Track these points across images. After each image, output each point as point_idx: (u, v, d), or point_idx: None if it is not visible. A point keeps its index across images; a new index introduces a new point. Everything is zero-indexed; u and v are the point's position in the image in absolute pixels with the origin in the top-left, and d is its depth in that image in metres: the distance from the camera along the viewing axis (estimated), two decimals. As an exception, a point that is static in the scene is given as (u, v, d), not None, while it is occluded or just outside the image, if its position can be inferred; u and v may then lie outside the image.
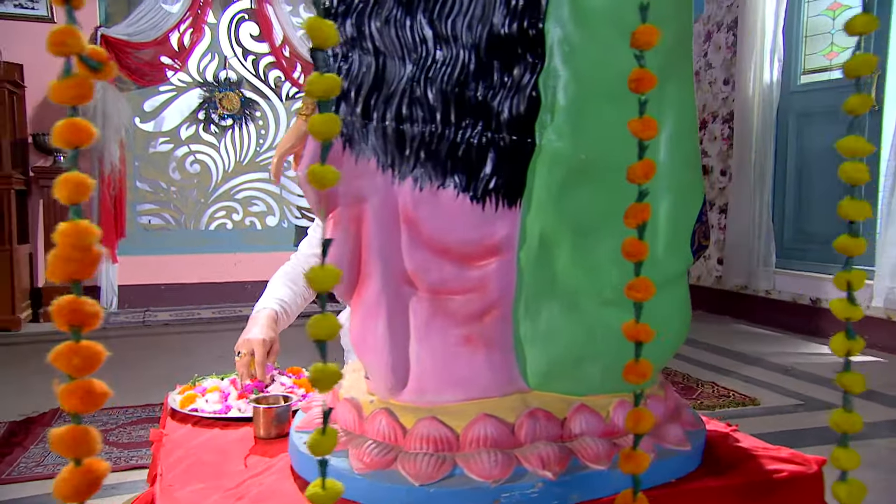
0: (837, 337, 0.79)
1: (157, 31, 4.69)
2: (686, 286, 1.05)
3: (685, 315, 1.05)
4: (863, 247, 0.77)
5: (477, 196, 0.91)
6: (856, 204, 0.77)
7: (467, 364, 0.91)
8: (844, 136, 0.77)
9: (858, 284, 0.78)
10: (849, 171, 0.77)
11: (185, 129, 5.02)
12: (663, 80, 0.99)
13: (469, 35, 0.89)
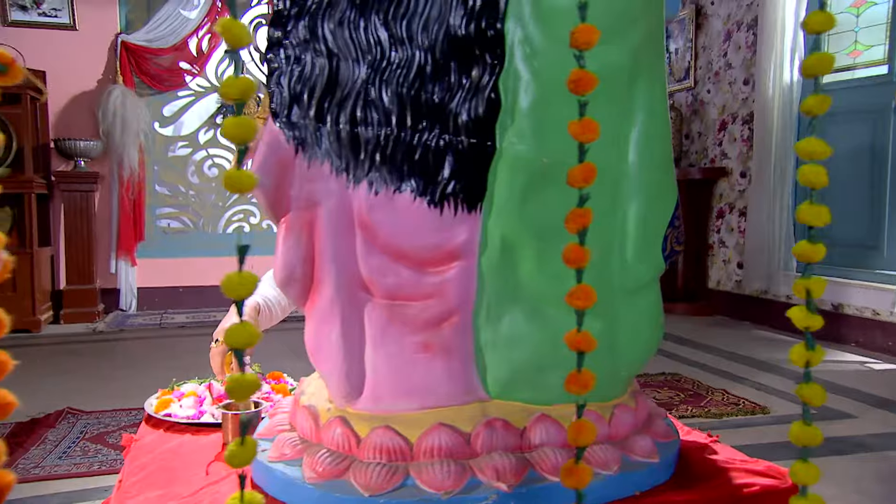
0: (797, 347, 0.76)
1: (175, 37, 4.75)
2: (658, 292, 1.02)
3: (657, 322, 1.02)
4: (821, 253, 0.74)
5: (434, 200, 0.89)
6: (814, 209, 0.74)
7: (424, 372, 0.89)
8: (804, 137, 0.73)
9: (818, 292, 0.75)
10: (807, 175, 0.74)
11: (204, 133, 5.08)
12: (632, 80, 0.97)
13: (425, 36, 0.87)
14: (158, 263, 4.84)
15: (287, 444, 0.91)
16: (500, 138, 0.91)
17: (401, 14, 0.86)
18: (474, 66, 0.89)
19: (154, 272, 4.82)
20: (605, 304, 0.98)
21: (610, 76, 0.94)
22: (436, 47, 0.87)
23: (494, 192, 0.92)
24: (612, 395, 0.99)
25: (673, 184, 1.02)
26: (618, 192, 0.98)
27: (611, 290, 0.98)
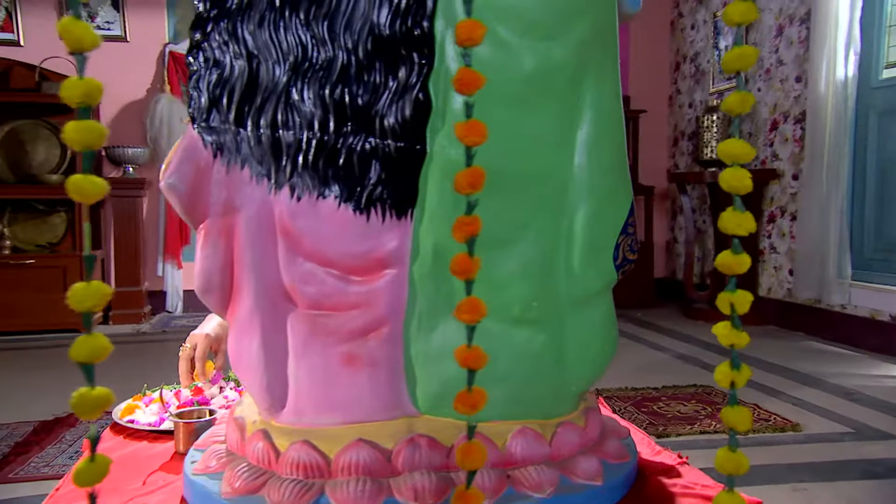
0: (721, 366, 0.69)
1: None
2: (608, 305, 0.96)
3: (607, 337, 0.95)
4: (746, 264, 0.67)
5: (360, 206, 0.86)
6: (737, 217, 0.68)
7: (349, 385, 0.86)
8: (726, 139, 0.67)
9: (742, 307, 0.68)
10: (729, 180, 0.67)
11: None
12: (578, 78, 0.91)
13: (348, 36, 0.84)
14: (205, 267, 4.96)
15: (214, 456, 0.89)
16: (430, 142, 0.87)
17: (322, 13, 0.84)
18: (401, 66, 0.85)
19: (200, 275, 4.94)
20: (550, 316, 0.92)
21: (552, 74, 0.89)
22: (359, 47, 0.84)
23: (426, 198, 0.88)
24: (559, 412, 0.94)
25: (626, 188, 0.96)
26: (564, 197, 0.92)
27: (556, 300, 0.93)
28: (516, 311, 0.90)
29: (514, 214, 0.90)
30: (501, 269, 0.90)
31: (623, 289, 5.52)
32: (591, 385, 0.96)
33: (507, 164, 0.88)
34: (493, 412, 0.89)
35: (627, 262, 0.96)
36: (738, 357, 0.70)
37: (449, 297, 0.89)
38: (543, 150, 0.91)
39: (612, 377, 2.98)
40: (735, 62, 0.67)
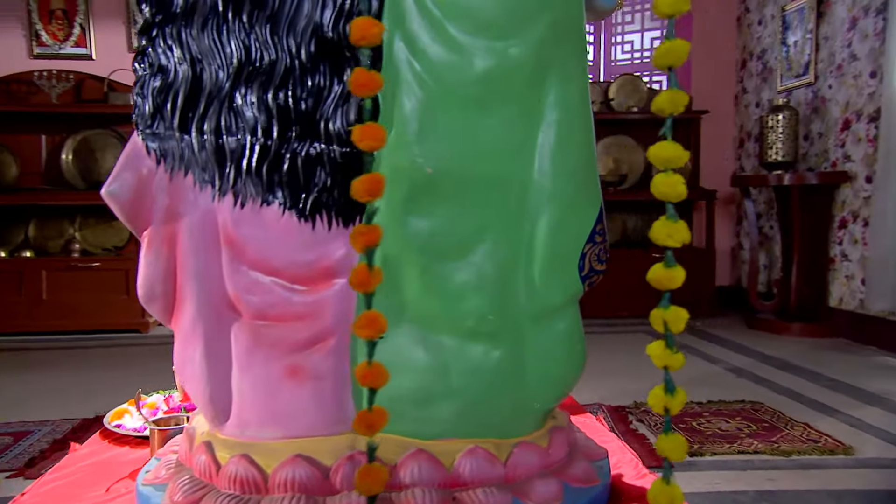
0: (655, 390, 0.63)
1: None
2: (574, 318, 0.90)
3: (571, 352, 0.90)
4: (679, 278, 0.61)
5: (305, 214, 0.83)
6: (668, 226, 0.62)
7: (291, 399, 0.83)
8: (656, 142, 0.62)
9: (677, 325, 0.62)
10: (659, 186, 0.61)
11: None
12: (538, 78, 0.86)
13: (291, 38, 0.82)
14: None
15: (164, 466, 0.88)
16: (379, 147, 0.84)
17: (265, 16, 0.82)
18: (346, 68, 0.83)
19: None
20: (508, 329, 0.87)
21: (508, 74, 0.85)
22: (302, 49, 0.82)
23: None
24: (519, 431, 0.88)
25: (593, 193, 0.90)
26: (524, 204, 0.87)
27: (515, 313, 0.88)
28: (470, 323, 0.86)
29: (470, 222, 0.86)
30: (455, 280, 0.85)
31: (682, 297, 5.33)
32: (557, 402, 0.90)
33: (463, 169, 0.84)
34: (442, 429, 0.85)
35: (595, 272, 0.90)
36: (671, 381, 0.64)
37: (400, 308, 0.86)
38: (501, 154, 0.86)
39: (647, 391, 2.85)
40: (665, 57, 0.61)
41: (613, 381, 2.96)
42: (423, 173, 0.82)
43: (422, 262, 0.83)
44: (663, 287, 0.62)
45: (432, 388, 0.84)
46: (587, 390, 2.85)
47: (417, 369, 0.84)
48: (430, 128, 0.82)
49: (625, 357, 3.55)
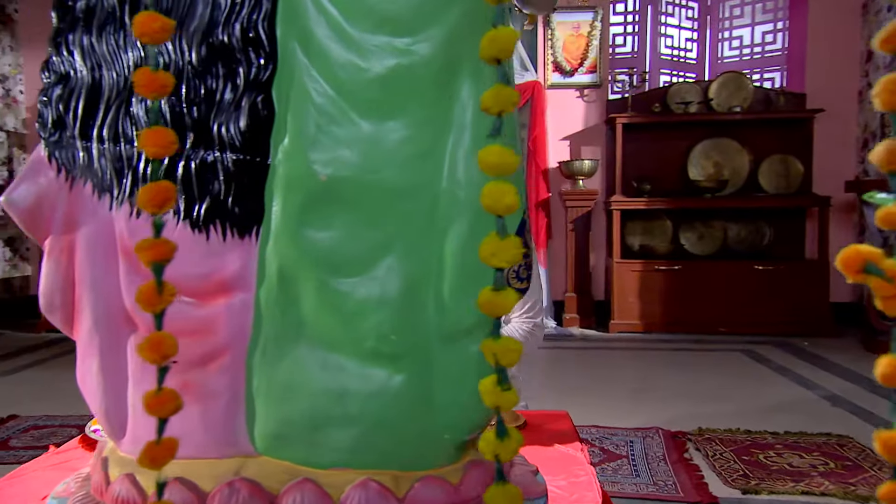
0: (486, 434, 0.54)
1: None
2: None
3: (486, 374, 0.80)
4: (510, 302, 0.52)
5: (198, 225, 0.79)
6: (493, 242, 0.53)
7: (181, 417, 0.79)
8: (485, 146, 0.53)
9: (508, 358, 0.53)
10: (487, 196, 0.53)
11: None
12: (448, 78, 0.78)
13: (184, 42, 0.79)
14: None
15: (73, 480, 0.88)
16: (273, 153, 0.79)
17: (158, 20, 0.79)
18: (238, 73, 0.78)
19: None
20: (414, 352, 0.79)
21: (412, 74, 0.77)
22: (193, 54, 0.78)
23: (271, 216, 0.80)
24: (425, 464, 0.80)
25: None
26: (434, 216, 0.79)
27: (422, 335, 0.80)
28: (371, 343, 0.79)
29: (372, 234, 0.79)
30: (354, 296, 0.78)
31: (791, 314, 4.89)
32: (471, 433, 0.81)
33: (363, 177, 0.78)
34: (337, 458, 0.78)
35: (514, 291, 0.80)
36: (502, 421, 0.54)
37: (297, 325, 0.80)
38: (407, 161, 0.78)
39: (726, 415, 2.62)
40: (490, 47, 0.52)
41: (684, 405, 2.73)
42: (319, 181, 0.76)
43: (319, 276, 0.77)
44: (492, 313, 0.53)
45: (328, 412, 0.78)
46: (648, 412, 2.65)
47: (313, 392, 0.78)
48: (327, 133, 0.76)
49: (708, 378, 3.29)
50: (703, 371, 3.53)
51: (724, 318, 4.55)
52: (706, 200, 4.95)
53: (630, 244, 5.06)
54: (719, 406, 2.77)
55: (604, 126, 5.12)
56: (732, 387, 3.15)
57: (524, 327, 1.76)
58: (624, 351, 4.20)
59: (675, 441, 2.27)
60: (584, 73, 5.09)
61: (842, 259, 0.52)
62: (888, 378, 0.50)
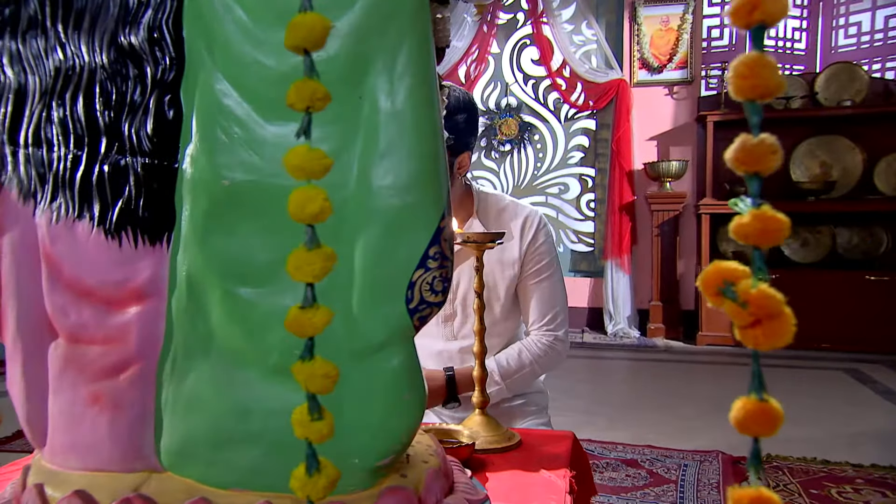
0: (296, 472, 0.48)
1: (444, 67, 5.05)
2: (404, 358, 0.74)
3: (396, 399, 0.73)
4: (320, 322, 0.46)
5: (110, 230, 0.77)
6: (301, 255, 0.47)
7: (90, 428, 0.78)
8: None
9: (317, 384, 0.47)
10: (293, 203, 0.46)
11: (469, 156, 5.30)
12: (358, 75, 0.72)
13: (97, 45, 0.77)
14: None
15: (11, 486, 0.88)
16: (181, 157, 0.76)
17: (76, 22, 0.78)
18: (146, 74, 0.76)
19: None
20: (323, 370, 0.74)
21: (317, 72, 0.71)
22: (104, 56, 0.76)
23: (181, 222, 0.77)
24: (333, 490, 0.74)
25: (430, 211, 0.73)
26: (343, 224, 0.73)
27: (332, 349, 0.73)
28: (275, 359, 0.74)
29: (277, 242, 0.73)
30: (259, 309, 0.74)
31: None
32: (383, 458, 0.75)
33: (266, 182, 0.73)
34: (238, 478, 0.74)
35: (427, 304, 0.73)
36: (314, 456, 0.48)
37: (206, 337, 0.76)
38: (312, 165, 0.73)
39: (807, 441, 2.38)
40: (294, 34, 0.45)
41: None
42: (223, 186, 0.72)
43: (224, 286, 0.73)
44: (299, 333, 0.46)
45: (230, 430, 0.73)
46: (716, 433, 2.43)
47: (216, 407, 0.74)
48: (231, 135, 0.72)
49: (799, 399, 3.01)
50: (795, 390, 3.23)
51: (828, 332, 4.16)
52: (810, 203, 4.58)
53: (723, 250, 4.76)
54: (802, 430, 2.52)
55: (694, 125, 4.84)
56: (825, 409, 2.86)
57: (544, 340, 1.65)
58: (709, 365, 3.93)
59: (736, 468, 2.06)
60: (674, 69, 4.84)
61: (702, 278, 0.42)
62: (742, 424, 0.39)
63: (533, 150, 5.23)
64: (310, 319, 0.47)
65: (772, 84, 0.40)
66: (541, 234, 1.69)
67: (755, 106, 0.41)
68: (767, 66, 0.39)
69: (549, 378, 3.76)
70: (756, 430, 0.41)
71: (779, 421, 0.41)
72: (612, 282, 4.73)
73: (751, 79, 0.39)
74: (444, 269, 0.73)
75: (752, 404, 0.41)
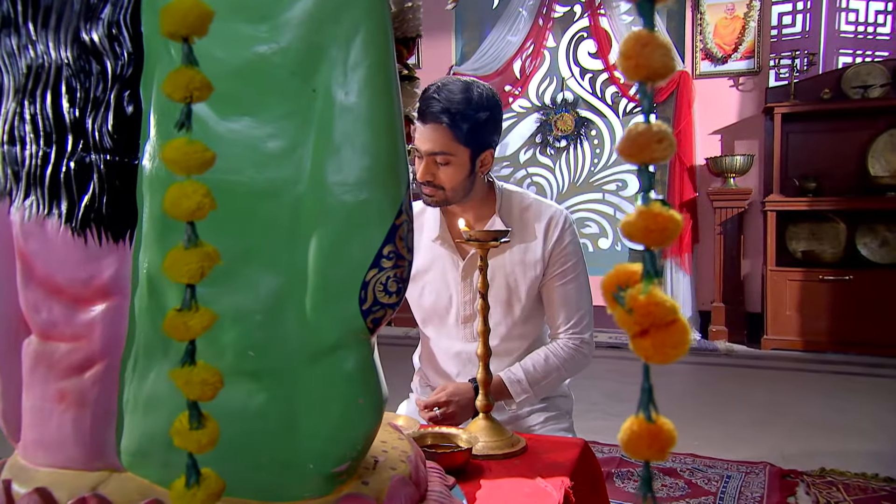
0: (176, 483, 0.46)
1: (498, 62, 4.98)
2: (359, 360, 0.71)
3: (349, 403, 0.71)
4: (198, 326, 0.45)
5: (76, 228, 0.77)
6: (177, 254, 0.45)
7: (57, 425, 0.78)
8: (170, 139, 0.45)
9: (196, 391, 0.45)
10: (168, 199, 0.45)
11: (524, 152, 5.21)
12: (310, 67, 0.70)
13: (62, 42, 0.77)
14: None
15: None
16: (141, 153, 0.75)
17: (40, 18, 0.78)
18: (107, 70, 0.75)
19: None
20: (278, 370, 0.72)
21: (266, 64, 0.70)
22: (69, 53, 0.76)
23: (143, 220, 0.76)
24: (288, 496, 0.72)
25: (385, 207, 0.69)
26: (298, 221, 0.71)
27: (288, 351, 0.72)
28: (230, 359, 0.72)
29: (233, 241, 0.72)
30: (213, 308, 0.71)
31: None
32: (338, 466, 0.72)
33: (220, 179, 0.71)
34: (192, 482, 0.72)
35: (381, 306, 0.69)
36: (194, 467, 0.45)
37: (165, 336, 0.75)
38: (267, 161, 0.71)
39: (868, 456, 2.22)
40: (169, 22, 0.43)
41: (818, 438, 2.34)
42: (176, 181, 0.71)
43: (181, 285, 0.72)
44: (176, 336, 0.44)
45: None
46: (769, 443, 2.29)
47: (173, 408, 0.73)
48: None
49: (865, 409, 2.81)
50: (863, 400, 3.02)
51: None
52: (890, 200, 4.29)
53: (792, 249, 4.51)
54: (864, 444, 2.35)
55: (761, 117, 4.61)
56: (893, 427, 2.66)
57: (570, 344, 1.59)
58: (772, 371, 3.74)
59: (784, 482, 1.93)
60: (739, 59, 4.62)
61: (604, 280, 0.38)
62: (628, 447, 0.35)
63: (590, 146, 5.11)
64: (185, 323, 0.45)
65: (656, 66, 0.35)
66: (566, 234, 1.63)
67: (644, 89, 0.36)
68: (652, 45, 0.34)
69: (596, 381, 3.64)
70: (644, 454, 0.36)
71: (668, 444, 0.36)
72: (671, 282, 4.56)
73: (634, 59, 0.35)
74: (398, 269, 0.70)
75: (638, 425, 0.36)
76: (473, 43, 5.24)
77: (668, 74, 0.36)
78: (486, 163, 1.63)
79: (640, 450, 0.36)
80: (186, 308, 0.44)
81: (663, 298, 0.36)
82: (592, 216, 5.12)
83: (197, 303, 0.48)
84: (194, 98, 0.46)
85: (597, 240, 5.11)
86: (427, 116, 1.53)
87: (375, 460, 0.82)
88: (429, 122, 1.53)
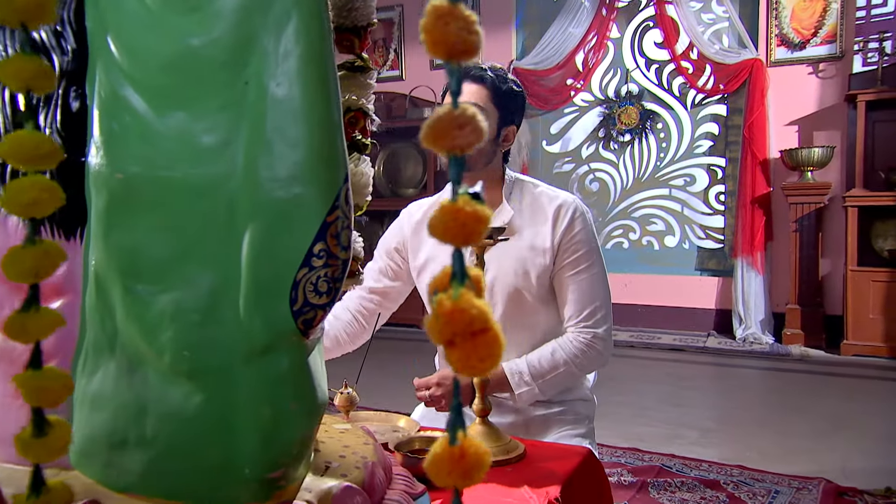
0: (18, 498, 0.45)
1: (560, 55, 4.86)
2: (291, 362, 0.69)
3: (280, 407, 0.68)
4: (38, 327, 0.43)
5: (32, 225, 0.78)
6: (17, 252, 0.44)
7: (15, 421, 0.78)
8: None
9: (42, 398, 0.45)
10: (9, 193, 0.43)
11: (586, 147, 5.07)
12: (241, 59, 0.68)
13: (17, 39, 0.78)
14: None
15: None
16: (87, 150, 0.75)
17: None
18: (54, 66, 0.75)
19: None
20: (214, 371, 0.70)
21: (196, 56, 0.68)
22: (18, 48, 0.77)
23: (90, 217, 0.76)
24: (224, 500, 0.70)
25: (317, 202, 0.66)
26: (234, 218, 0.68)
27: (225, 351, 0.70)
28: (167, 359, 0.70)
29: (171, 239, 0.70)
30: (154, 307, 0.71)
31: None
32: (272, 471, 0.69)
33: (156, 175, 0.70)
34: (131, 481, 0.72)
35: (311, 307, 0.66)
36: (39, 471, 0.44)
37: (112, 335, 0.74)
38: (203, 155, 0.69)
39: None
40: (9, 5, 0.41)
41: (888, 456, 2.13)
42: (118, 180, 0.70)
43: (124, 283, 0.71)
44: (17, 338, 0.43)
45: (125, 431, 0.71)
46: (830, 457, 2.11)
47: (115, 408, 0.72)
48: (125, 126, 0.70)
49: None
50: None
51: None
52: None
53: (878, 248, 4.20)
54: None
55: (843, 106, 4.30)
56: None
57: (580, 338, 1.50)
58: (850, 379, 3.48)
59: (840, 499, 1.77)
60: (819, 44, 4.33)
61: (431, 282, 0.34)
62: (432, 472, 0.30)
63: (655, 140, 4.91)
64: (23, 325, 0.43)
65: (453, 41, 0.30)
66: (577, 222, 1.54)
67: (450, 66, 0.31)
68: (448, 18, 0.30)
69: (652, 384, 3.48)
70: (444, 479, 0.32)
71: (475, 469, 0.32)
72: (742, 282, 4.32)
73: (430, 34, 0.30)
74: (330, 269, 0.66)
75: (441, 447, 0.32)
76: (534, 37, 5.13)
77: (472, 52, 0.31)
78: (507, 138, 1.62)
79: (441, 475, 0.32)
80: (27, 309, 0.42)
81: (472, 304, 0.31)
82: (659, 213, 4.90)
83: (38, 304, 0.46)
84: (36, 88, 0.43)
85: (663, 237, 4.89)
86: (472, 71, 1.58)
87: (327, 465, 0.79)
88: (470, 79, 1.58)
